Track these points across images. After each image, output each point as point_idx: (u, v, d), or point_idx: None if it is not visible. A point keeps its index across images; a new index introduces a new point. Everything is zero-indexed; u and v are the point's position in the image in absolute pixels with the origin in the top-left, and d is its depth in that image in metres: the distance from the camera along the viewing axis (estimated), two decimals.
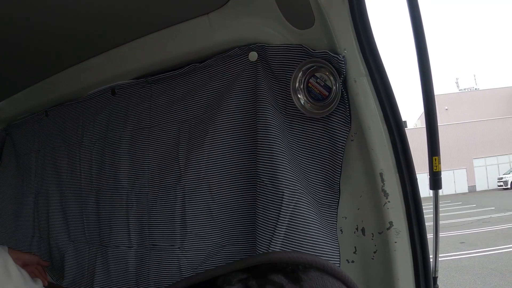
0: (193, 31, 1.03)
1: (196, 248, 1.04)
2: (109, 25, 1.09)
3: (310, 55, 0.87)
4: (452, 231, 9.10)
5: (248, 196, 0.98)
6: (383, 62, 0.84)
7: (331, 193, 0.88)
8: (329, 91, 0.86)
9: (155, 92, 1.17)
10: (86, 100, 1.34)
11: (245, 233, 0.98)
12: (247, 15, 0.94)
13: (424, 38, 0.80)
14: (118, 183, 1.22)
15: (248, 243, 0.97)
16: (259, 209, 0.91)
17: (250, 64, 0.98)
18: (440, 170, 0.86)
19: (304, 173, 0.90)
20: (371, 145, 0.83)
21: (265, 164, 0.90)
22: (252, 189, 0.97)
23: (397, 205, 0.82)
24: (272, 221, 0.88)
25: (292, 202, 0.85)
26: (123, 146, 1.22)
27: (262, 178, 0.91)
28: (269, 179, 0.89)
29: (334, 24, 0.82)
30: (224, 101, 1.01)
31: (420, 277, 0.83)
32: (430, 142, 0.83)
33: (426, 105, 0.82)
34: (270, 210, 0.89)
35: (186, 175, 1.06)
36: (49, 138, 1.46)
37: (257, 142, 0.93)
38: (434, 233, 0.87)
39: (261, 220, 0.90)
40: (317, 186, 0.90)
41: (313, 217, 0.85)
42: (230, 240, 1.00)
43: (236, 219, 0.99)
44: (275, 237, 0.86)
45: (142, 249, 1.14)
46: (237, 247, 0.99)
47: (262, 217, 0.90)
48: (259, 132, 0.92)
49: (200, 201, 1.04)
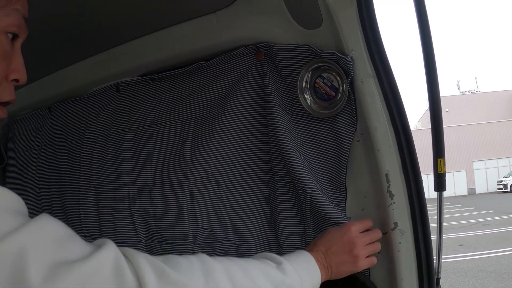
0: (200, 29, 1.03)
1: (209, 241, 1.06)
2: (115, 22, 1.09)
3: (317, 56, 0.87)
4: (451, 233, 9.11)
5: (256, 192, 0.99)
6: (390, 64, 0.84)
7: (339, 192, 0.89)
8: (336, 91, 0.86)
9: (160, 90, 1.17)
10: (90, 97, 1.34)
11: (253, 229, 1.00)
12: (254, 14, 0.94)
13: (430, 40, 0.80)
14: (119, 180, 1.22)
15: (256, 240, 0.99)
16: (280, 207, 0.94)
17: (257, 64, 0.98)
18: (444, 172, 0.87)
19: (314, 173, 0.91)
20: (377, 146, 0.83)
21: (281, 162, 0.92)
22: (260, 185, 0.98)
23: (402, 206, 0.83)
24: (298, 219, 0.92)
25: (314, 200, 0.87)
26: (126, 143, 1.22)
27: (282, 175, 0.93)
28: (288, 176, 0.91)
29: (342, 25, 0.82)
30: (230, 99, 1.01)
31: (424, 278, 0.83)
32: (435, 144, 0.84)
33: (432, 107, 0.82)
34: (294, 208, 0.92)
35: (193, 173, 1.06)
36: (52, 134, 1.46)
37: (269, 141, 0.94)
38: (438, 235, 0.88)
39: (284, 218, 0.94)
40: (325, 185, 0.90)
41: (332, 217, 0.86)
42: (239, 237, 1.02)
43: (245, 216, 1.01)
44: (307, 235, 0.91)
45: (151, 242, 1.16)
46: (247, 243, 1.01)
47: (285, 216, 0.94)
48: (270, 131, 0.93)
49: (208, 198, 1.04)
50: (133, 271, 0.45)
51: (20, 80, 0.60)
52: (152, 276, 0.46)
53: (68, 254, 0.43)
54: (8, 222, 0.42)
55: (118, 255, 0.46)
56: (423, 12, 0.77)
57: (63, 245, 0.44)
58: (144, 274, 0.45)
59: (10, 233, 0.40)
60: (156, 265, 0.48)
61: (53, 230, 0.45)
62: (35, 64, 1.33)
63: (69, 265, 0.41)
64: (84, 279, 0.41)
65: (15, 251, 0.39)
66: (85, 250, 0.45)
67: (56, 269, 0.40)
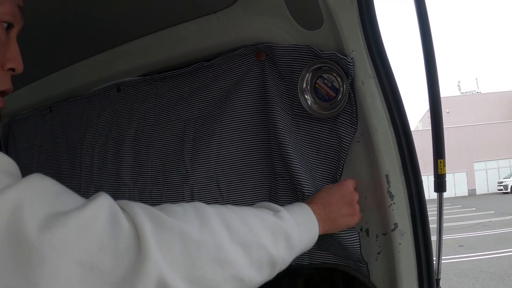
0: (200, 30, 1.04)
1: None
2: (116, 22, 1.09)
3: (318, 56, 0.87)
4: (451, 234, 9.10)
5: (256, 192, 0.99)
6: (390, 64, 0.84)
7: None
8: (336, 92, 0.86)
9: (160, 90, 1.18)
10: (91, 97, 1.34)
11: None
12: (255, 14, 0.94)
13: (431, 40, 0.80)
14: (120, 180, 1.22)
15: None
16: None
17: (257, 64, 0.98)
18: (445, 173, 0.86)
19: (313, 174, 0.91)
20: (377, 147, 0.83)
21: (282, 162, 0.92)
22: (261, 185, 0.98)
23: (402, 206, 0.83)
24: None
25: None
26: (127, 143, 1.22)
27: (283, 175, 0.93)
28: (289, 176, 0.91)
29: (343, 26, 0.82)
30: (231, 100, 1.01)
31: (424, 279, 0.83)
32: (436, 145, 0.84)
33: (432, 107, 0.82)
34: None
35: (194, 173, 1.06)
36: (52, 134, 1.46)
37: (270, 141, 0.94)
38: (438, 235, 0.88)
39: None
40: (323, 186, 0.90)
41: None
42: None
43: None
44: None
45: None
46: None
47: None
48: (271, 131, 0.93)
49: (209, 198, 1.04)
50: (129, 219, 0.46)
51: (17, 69, 0.60)
52: (148, 222, 0.46)
53: (63, 206, 0.44)
54: (2, 180, 0.42)
55: (113, 204, 0.47)
56: (423, 12, 0.77)
57: (58, 198, 0.45)
58: (140, 221, 0.46)
59: (5, 188, 0.41)
60: (151, 213, 0.49)
61: (47, 185, 0.46)
62: (36, 63, 1.33)
63: (65, 215, 0.42)
64: (80, 228, 0.41)
65: (11, 203, 0.40)
66: (80, 202, 0.46)
67: (52, 218, 0.41)
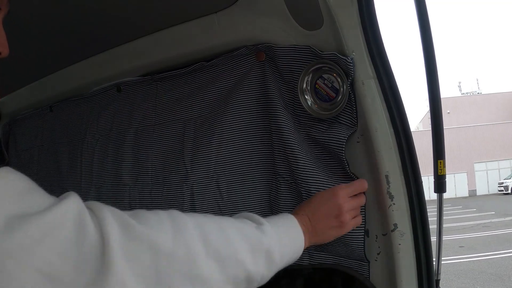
0: (201, 30, 1.04)
1: None
2: (116, 21, 1.09)
3: (318, 57, 0.87)
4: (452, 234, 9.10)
5: (257, 192, 0.99)
6: (390, 65, 0.84)
7: None
8: (337, 92, 0.86)
9: (160, 90, 1.18)
10: (91, 97, 1.34)
11: None
12: (255, 14, 0.94)
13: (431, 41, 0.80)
14: (120, 180, 1.22)
15: None
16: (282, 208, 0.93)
17: (257, 64, 0.98)
18: (445, 173, 0.86)
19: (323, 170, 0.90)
20: (377, 147, 0.83)
21: (285, 163, 0.92)
22: (262, 186, 0.98)
23: (402, 207, 0.83)
24: None
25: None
26: (127, 143, 1.22)
27: (285, 176, 0.93)
28: (292, 177, 0.91)
29: (343, 26, 0.82)
30: (231, 100, 1.01)
31: (423, 280, 0.83)
32: (435, 145, 0.84)
33: (432, 108, 0.82)
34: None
35: (194, 172, 1.06)
36: (53, 134, 1.46)
37: (273, 141, 0.94)
38: (438, 236, 0.88)
39: None
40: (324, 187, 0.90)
41: None
42: None
43: None
44: None
45: None
46: None
47: None
48: (274, 131, 0.93)
49: (209, 198, 1.04)
50: (96, 224, 0.43)
51: (2, 52, 0.59)
52: (116, 229, 0.43)
53: (27, 207, 0.41)
54: None
55: (81, 207, 0.44)
56: (424, 13, 0.77)
57: (22, 198, 0.42)
58: (107, 227, 0.43)
59: None
60: (121, 218, 0.46)
61: (12, 183, 0.43)
62: (36, 63, 1.33)
63: (27, 218, 0.39)
64: (42, 233, 0.39)
65: None
66: (46, 203, 0.43)
67: (13, 222, 0.38)
